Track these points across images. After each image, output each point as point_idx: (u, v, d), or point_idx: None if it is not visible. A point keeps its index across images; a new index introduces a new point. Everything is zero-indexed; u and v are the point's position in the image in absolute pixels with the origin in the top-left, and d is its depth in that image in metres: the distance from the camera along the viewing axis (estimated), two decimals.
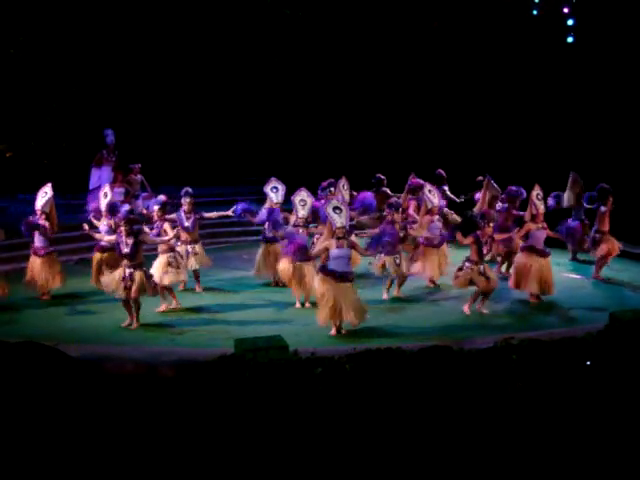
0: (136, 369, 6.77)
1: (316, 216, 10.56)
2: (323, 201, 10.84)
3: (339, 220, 8.75)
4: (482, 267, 9.61)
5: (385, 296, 10.52)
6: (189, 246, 10.67)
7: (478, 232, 9.72)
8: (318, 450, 4.97)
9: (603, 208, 11.50)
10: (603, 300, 10.29)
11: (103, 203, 10.87)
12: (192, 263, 10.64)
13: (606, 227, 11.49)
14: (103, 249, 10.54)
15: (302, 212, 10.17)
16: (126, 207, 9.50)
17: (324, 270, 8.77)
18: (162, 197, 10.13)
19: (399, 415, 5.24)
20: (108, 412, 5.23)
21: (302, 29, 18.31)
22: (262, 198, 11.44)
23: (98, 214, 11.06)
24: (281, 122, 19.17)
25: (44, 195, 10.48)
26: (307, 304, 10.04)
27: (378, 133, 18.09)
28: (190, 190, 10.82)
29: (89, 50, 17.18)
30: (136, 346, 8.17)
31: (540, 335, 7.24)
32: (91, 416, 5.19)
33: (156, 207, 9.98)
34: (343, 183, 12.11)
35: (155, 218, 9.97)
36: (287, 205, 11.01)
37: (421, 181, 12.27)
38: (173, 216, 10.53)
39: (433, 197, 11.14)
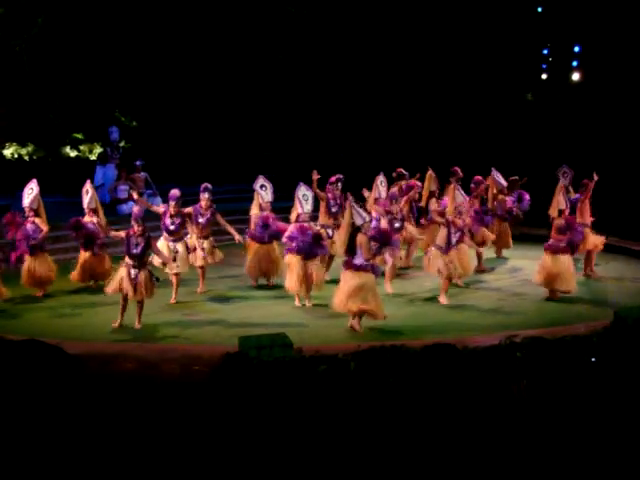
0: (139, 366, 6.77)
1: None
2: (330, 194, 11.12)
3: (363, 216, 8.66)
4: (449, 253, 9.75)
5: (389, 290, 10.48)
6: (198, 241, 10.63)
7: (449, 217, 9.89)
8: (322, 447, 4.97)
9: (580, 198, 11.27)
10: (607, 298, 10.26)
11: (85, 200, 10.78)
12: (198, 258, 10.48)
13: (587, 220, 11.20)
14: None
15: (307, 207, 10.06)
16: (133, 205, 9.44)
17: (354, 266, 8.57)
18: (177, 191, 10.11)
19: (404, 413, 5.23)
20: (111, 409, 5.23)
21: (307, 27, 18.34)
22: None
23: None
24: (288, 119, 19.19)
25: (30, 192, 10.38)
26: (309, 302, 9.87)
27: (388, 129, 18.13)
28: (210, 186, 10.73)
29: (94, 47, 17.22)
30: (140, 343, 8.16)
31: (544, 333, 7.23)
32: (94, 413, 5.19)
33: (172, 202, 10.00)
34: (381, 180, 11.99)
35: (171, 212, 9.98)
36: (277, 203, 11.20)
37: (412, 182, 12.29)
38: (190, 209, 10.50)
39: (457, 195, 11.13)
